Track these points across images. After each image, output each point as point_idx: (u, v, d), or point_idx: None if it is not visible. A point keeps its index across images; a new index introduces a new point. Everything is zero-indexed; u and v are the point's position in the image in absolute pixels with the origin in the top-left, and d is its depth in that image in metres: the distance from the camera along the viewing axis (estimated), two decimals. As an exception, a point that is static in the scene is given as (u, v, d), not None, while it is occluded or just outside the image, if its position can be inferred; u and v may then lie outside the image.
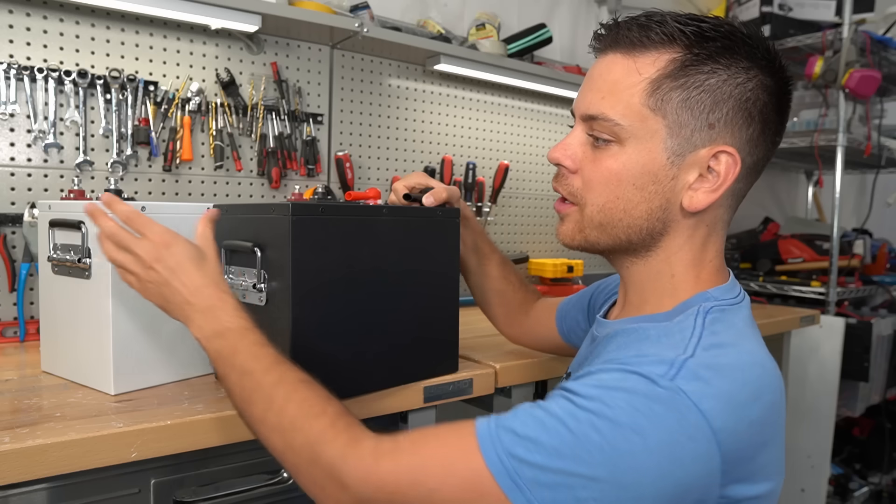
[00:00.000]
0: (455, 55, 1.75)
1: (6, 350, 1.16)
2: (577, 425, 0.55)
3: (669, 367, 0.58)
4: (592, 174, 0.70)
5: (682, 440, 0.55)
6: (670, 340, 0.63)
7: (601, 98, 0.68)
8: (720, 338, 0.63)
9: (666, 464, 0.55)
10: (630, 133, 0.67)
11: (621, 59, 0.68)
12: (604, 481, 0.54)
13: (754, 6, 2.40)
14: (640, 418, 0.55)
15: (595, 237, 0.72)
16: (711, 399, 0.56)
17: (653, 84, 0.65)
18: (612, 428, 0.54)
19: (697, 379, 0.57)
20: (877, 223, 2.72)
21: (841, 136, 2.17)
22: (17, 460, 0.67)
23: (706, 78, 0.65)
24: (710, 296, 0.69)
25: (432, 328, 1.00)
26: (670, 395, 0.56)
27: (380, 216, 0.91)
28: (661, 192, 0.68)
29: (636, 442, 0.54)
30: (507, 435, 0.57)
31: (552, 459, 0.55)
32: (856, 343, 2.21)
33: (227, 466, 0.85)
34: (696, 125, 0.66)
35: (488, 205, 1.98)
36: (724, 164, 0.66)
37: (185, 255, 0.74)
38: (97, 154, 1.35)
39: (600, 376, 0.59)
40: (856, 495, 2.47)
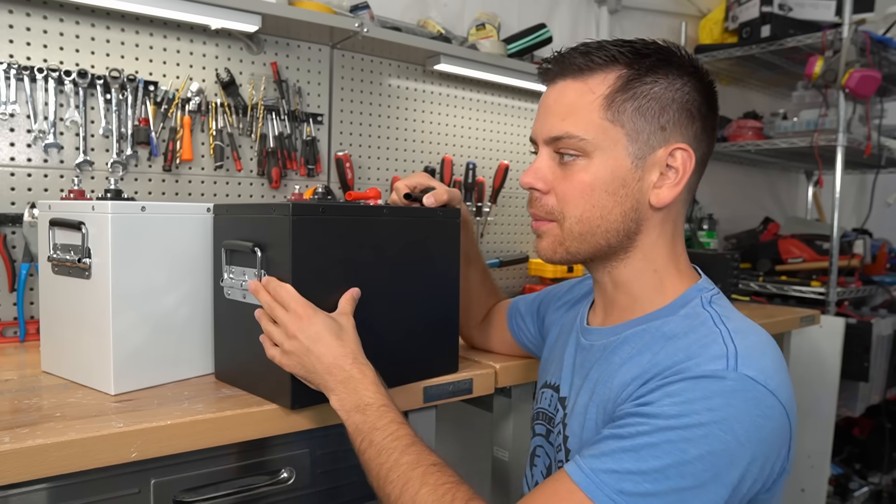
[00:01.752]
0: (455, 55, 1.75)
1: (6, 350, 1.16)
2: (672, 445, 0.59)
3: (727, 360, 0.63)
4: (567, 189, 0.75)
5: (763, 421, 0.61)
6: (699, 333, 0.69)
7: (562, 119, 0.74)
8: (735, 322, 0.70)
9: (757, 447, 0.61)
10: (595, 145, 0.73)
11: (572, 83, 0.75)
12: (711, 483, 0.59)
13: (754, 6, 2.40)
14: (723, 416, 0.60)
15: (576, 248, 0.77)
16: (771, 377, 0.63)
17: (607, 99, 0.73)
18: (702, 435, 0.59)
19: (753, 362, 0.63)
20: (877, 223, 2.72)
21: (841, 136, 2.17)
22: (17, 460, 0.67)
23: (650, 87, 0.73)
24: (702, 287, 0.77)
25: (432, 328, 1.00)
26: (741, 385, 0.61)
27: (380, 216, 0.91)
28: (630, 194, 0.74)
29: (728, 440, 0.59)
30: (608, 476, 0.60)
31: (660, 483, 0.59)
32: (856, 343, 2.21)
33: (227, 466, 0.85)
34: (651, 129, 0.73)
35: (488, 205, 1.98)
36: (681, 160, 0.74)
37: (324, 327, 0.78)
38: (97, 154, 1.35)
39: (667, 390, 0.63)
40: (856, 495, 2.47)
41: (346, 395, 0.76)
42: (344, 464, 0.96)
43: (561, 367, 0.87)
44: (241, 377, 0.93)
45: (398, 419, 0.74)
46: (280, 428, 0.85)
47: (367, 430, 0.73)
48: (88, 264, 0.88)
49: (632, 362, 0.72)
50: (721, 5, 2.61)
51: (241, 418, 0.82)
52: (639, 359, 0.71)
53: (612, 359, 0.75)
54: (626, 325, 0.77)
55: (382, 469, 0.70)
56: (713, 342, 0.66)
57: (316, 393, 0.85)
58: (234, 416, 0.81)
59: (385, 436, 0.72)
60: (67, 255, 0.91)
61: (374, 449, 0.72)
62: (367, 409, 0.74)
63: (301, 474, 0.91)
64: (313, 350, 0.77)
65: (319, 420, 0.88)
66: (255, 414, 0.83)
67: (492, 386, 1.09)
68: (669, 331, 0.72)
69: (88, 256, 0.89)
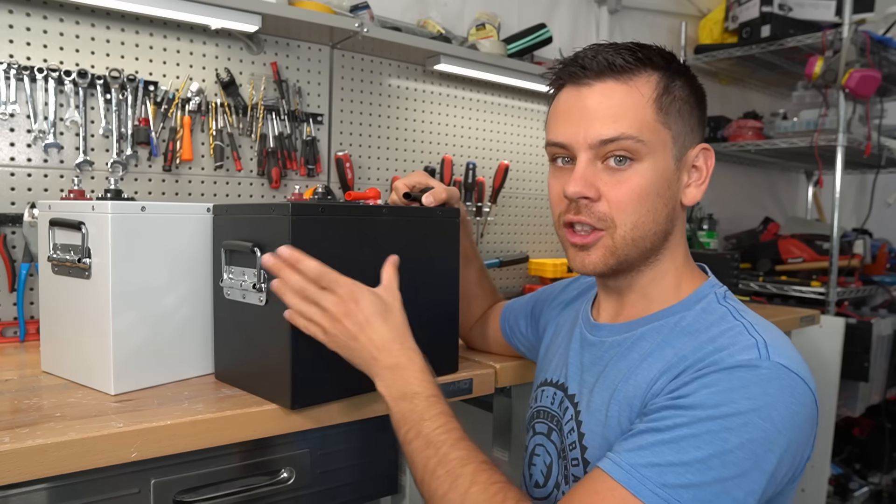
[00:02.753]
0: (455, 55, 1.75)
1: (6, 350, 1.16)
2: (713, 435, 0.60)
3: (759, 349, 0.64)
4: (621, 195, 0.72)
5: (797, 408, 0.62)
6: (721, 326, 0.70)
7: (614, 122, 0.72)
8: (752, 316, 0.72)
9: (792, 433, 0.62)
10: (649, 148, 0.72)
11: (615, 85, 0.73)
12: (752, 471, 0.60)
13: (754, 6, 2.40)
14: (761, 404, 0.61)
15: (627, 255, 0.75)
16: (800, 366, 0.65)
17: (658, 101, 0.73)
18: (742, 424, 0.60)
19: (783, 351, 0.65)
20: (877, 223, 2.73)
21: (841, 136, 2.17)
22: (17, 460, 0.67)
23: (680, 90, 0.75)
24: (714, 283, 0.78)
25: (432, 328, 1.00)
26: (776, 373, 0.63)
27: (380, 216, 0.91)
28: (673, 195, 0.76)
29: (766, 427, 0.60)
30: (650, 470, 0.60)
31: (703, 474, 0.59)
32: (856, 343, 2.21)
33: (227, 466, 0.85)
34: (685, 130, 0.75)
35: (488, 205, 1.98)
36: (704, 158, 0.78)
37: (372, 310, 0.76)
38: (97, 154, 1.35)
39: (703, 381, 0.63)
40: (856, 495, 2.47)
41: (393, 382, 0.74)
42: (344, 464, 0.96)
43: (565, 364, 0.86)
44: (241, 377, 0.93)
45: (447, 411, 0.72)
46: (280, 428, 0.85)
47: (414, 420, 0.71)
48: (88, 264, 0.88)
49: (653, 357, 0.72)
50: (721, 5, 2.61)
51: (241, 418, 0.82)
52: (660, 353, 0.71)
53: (629, 355, 0.75)
54: (642, 322, 0.77)
55: (430, 462, 0.68)
56: (740, 334, 0.67)
57: (316, 393, 0.86)
58: (234, 416, 0.81)
59: (434, 427, 0.70)
60: (67, 255, 0.91)
61: (422, 440, 0.70)
62: (415, 397, 0.73)
63: (301, 474, 0.91)
64: (360, 336, 0.75)
65: (319, 420, 0.88)
66: (255, 414, 0.83)
67: (492, 386, 1.09)
68: (688, 325, 0.73)
69: (88, 256, 0.89)
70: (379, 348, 0.75)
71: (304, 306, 0.77)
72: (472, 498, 0.65)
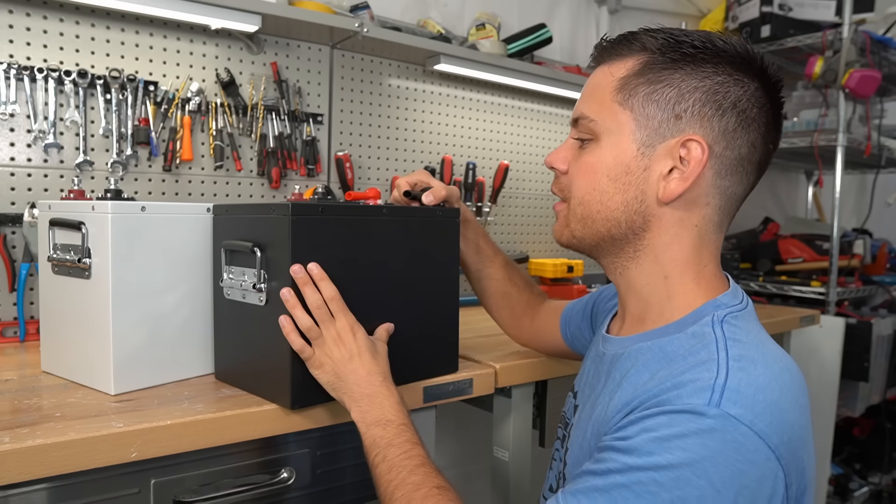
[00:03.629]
0: (455, 55, 1.75)
1: (6, 350, 1.16)
2: (642, 487, 0.56)
3: (711, 393, 0.57)
4: (574, 170, 0.76)
5: (744, 468, 0.55)
6: (697, 357, 0.63)
7: (582, 102, 0.75)
8: (744, 347, 0.63)
9: (734, 494, 0.55)
10: (603, 128, 0.72)
11: (602, 68, 0.75)
12: None
13: (754, 6, 2.40)
14: (699, 460, 0.55)
15: (580, 232, 0.75)
16: (760, 417, 0.56)
17: (621, 81, 0.71)
18: (675, 479, 0.55)
19: (741, 398, 0.57)
20: (877, 223, 2.72)
21: (841, 136, 2.17)
22: (17, 460, 0.67)
23: (671, 73, 0.69)
24: (720, 303, 0.69)
25: (432, 328, 1.00)
26: (721, 424, 0.55)
27: (380, 216, 0.91)
28: (634, 182, 0.70)
29: (702, 485, 0.54)
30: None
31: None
32: (856, 343, 2.21)
33: (227, 466, 0.85)
34: (663, 117, 0.69)
35: (488, 205, 1.98)
36: (693, 153, 0.68)
37: (365, 345, 0.83)
38: (97, 154, 1.35)
39: (645, 423, 0.59)
40: (856, 495, 2.47)
41: (370, 409, 0.79)
42: (344, 464, 0.96)
43: (581, 373, 0.86)
44: (241, 377, 0.93)
45: (414, 439, 0.76)
46: (280, 428, 0.85)
47: (383, 445, 0.75)
48: (88, 264, 0.88)
49: (627, 382, 0.68)
50: (721, 5, 2.61)
51: (241, 418, 0.82)
52: (635, 380, 0.67)
53: (614, 375, 0.72)
54: (635, 339, 0.73)
55: (390, 486, 0.72)
56: (703, 372, 0.60)
57: (316, 393, 0.85)
58: (234, 416, 0.81)
59: (399, 453, 0.74)
60: (67, 255, 0.91)
61: (386, 465, 0.74)
62: (387, 424, 0.77)
63: (301, 474, 0.91)
64: (351, 363, 0.81)
65: (319, 420, 0.88)
66: (255, 414, 0.83)
67: (492, 386, 1.09)
68: (672, 351, 0.67)
69: (88, 256, 0.89)
70: (364, 377, 0.81)
71: (307, 322, 0.82)
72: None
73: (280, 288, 0.83)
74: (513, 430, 1.18)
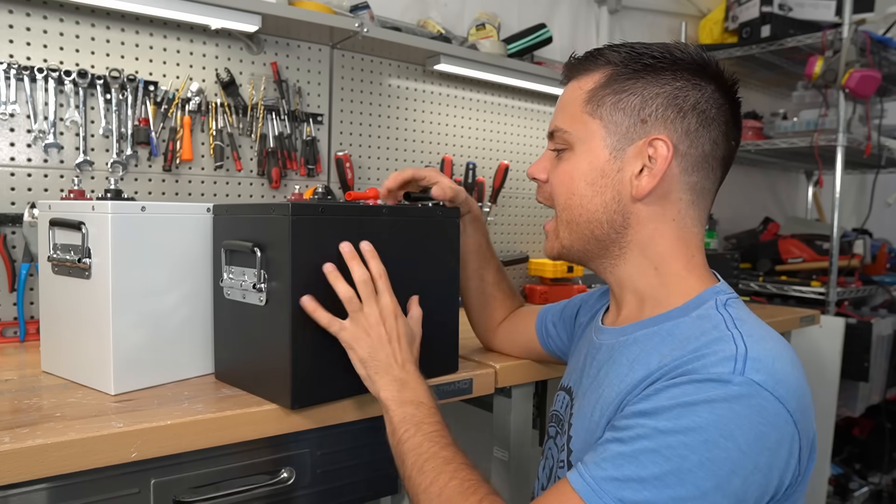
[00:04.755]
0: (455, 55, 1.75)
1: (6, 350, 1.16)
2: (671, 451, 0.58)
3: (735, 363, 0.61)
4: (554, 178, 0.81)
5: (767, 430, 0.59)
6: (710, 335, 0.67)
7: (556, 116, 0.81)
8: (751, 326, 0.68)
9: (758, 456, 0.59)
10: (576, 137, 0.78)
11: (571, 84, 0.81)
12: (711, 491, 0.58)
13: (754, 6, 2.40)
14: (726, 423, 0.58)
15: (567, 238, 0.80)
16: (780, 384, 0.61)
17: (589, 94, 0.77)
18: (703, 442, 0.58)
19: (763, 367, 0.61)
20: (877, 223, 2.73)
21: (841, 136, 2.17)
22: (17, 460, 0.67)
23: (633, 82, 0.75)
24: (719, 290, 0.75)
25: (432, 328, 1.00)
26: (746, 390, 0.59)
27: (380, 216, 0.91)
28: (610, 184, 0.76)
29: (730, 447, 0.58)
30: (609, 484, 0.60)
31: (660, 490, 0.58)
32: (856, 343, 2.21)
33: (227, 466, 0.85)
34: (630, 122, 0.75)
35: (488, 205, 1.98)
36: (660, 151, 0.74)
37: (404, 330, 0.86)
38: (97, 154, 1.35)
39: (672, 391, 0.62)
40: (856, 495, 2.47)
41: (403, 390, 0.81)
42: (344, 464, 0.96)
43: (573, 369, 0.87)
44: (241, 377, 0.93)
45: (444, 423, 0.79)
46: (280, 428, 0.85)
47: (416, 422, 0.77)
48: (88, 264, 0.88)
49: (638, 364, 0.71)
50: (721, 5, 2.61)
51: (241, 418, 0.82)
52: (646, 360, 0.70)
53: (620, 360, 0.75)
54: (637, 326, 0.76)
55: (420, 458, 0.74)
56: (724, 344, 0.64)
57: (316, 393, 0.86)
58: (234, 416, 0.81)
59: (431, 430, 0.77)
60: (67, 255, 0.91)
61: (418, 438, 0.76)
62: (420, 405, 0.79)
63: (301, 474, 0.91)
64: (390, 345, 0.83)
65: (319, 420, 0.88)
66: (255, 414, 0.83)
67: (492, 386, 1.09)
68: (680, 333, 0.71)
69: (88, 256, 0.88)
70: (399, 361, 0.83)
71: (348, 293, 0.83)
72: (449, 490, 0.69)
73: (280, 288, 0.83)
74: (513, 430, 1.18)
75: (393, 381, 0.81)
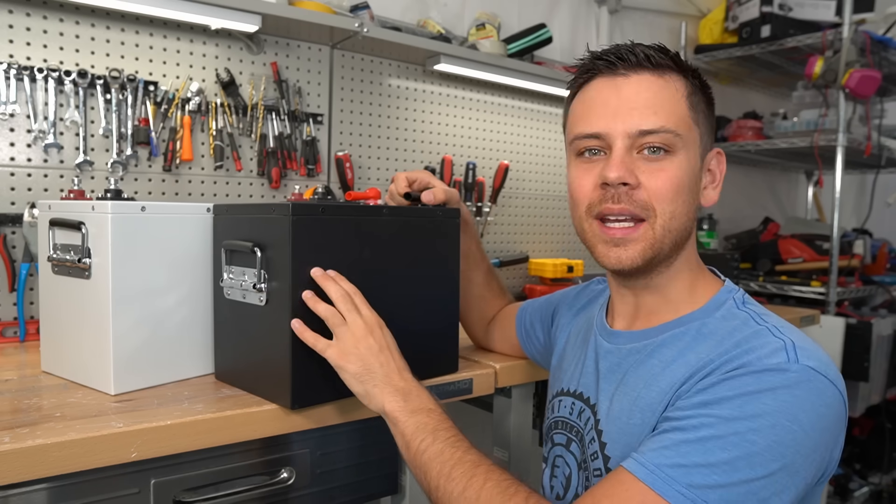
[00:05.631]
0: (455, 55, 1.75)
1: (6, 350, 1.16)
2: (739, 437, 0.60)
3: (787, 352, 0.64)
4: (659, 184, 0.72)
5: (825, 411, 0.62)
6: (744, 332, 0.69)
7: (653, 113, 0.73)
8: (773, 319, 0.71)
9: (819, 436, 0.62)
10: (684, 142, 0.74)
11: (654, 78, 0.74)
12: (779, 472, 0.60)
13: (754, 6, 2.40)
14: (790, 408, 0.61)
15: (664, 247, 0.74)
16: (828, 367, 0.65)
17: (689, 99, 0.75)
18: (770, 426, 0.60)
19: (811, 354, 0.65)
20: (877, 223, 2.73)
21: (841, 136, 2.17)
22: (17, 460, 0.67)
23: (700, 93, 0.77)
24: (731, 288, 0.78)
25: (432, 328, 1.00)
26: (805, 376, 0.62)
27: (380, 216, 0.91)
28: (695, 193, 0.77)
29: (795, 430, 0.60)
30: (675, 470, 0.60)
31: (730, 474, 0.59)
32: (856, 343, 2.21)
33: (227, 466, 0.85)
34: (706, 132, 0.78)
35: (488, 205, 1.98)
36: (719, 162, 0.80)
37: (391, 340, 0.84)
38: (97, 154, 1.35)
39: (731, 383, 0.64)
40: (856, 495, 2.47)
41: (409, 399, 0.78)
42: (344, 464, 0.96)
43: (581, 373, 0.85)
44: (241, 377, 0.93)
45: (456, 427, 0.77)
46: (280, 428, 0.85)
47: (430, 429, 0.75)
48: (88, 264, 0.88)
49: (676, 364, 0.71)
50: (721, 5, 2.61)
51: (241, 418, 0.82)
52: (684, 360, 0.71)
53: (649, 361, 0.75)
54: (661, 329, 0.76)
55: (446, 466, 0.71)
56: (767, 337, 0.67)
57: (316, 393, 0.85)
58: (234, 416, 0.81)
59: (448, 436, 0.74)
60: (67, 255, 0.91)
61: (439, 445, 0.73)
62: (431, 412, 0.77)
63: (301, 474, 0.91)
64: (381, 354, 0.81)
65: (319, 420, 0.88)
66: (255, 414, 0.83)
67: (492, 386, 1.09)
68: (710, 332, 0.72)
69: (88, 256, 0.88)
70: (396, 371, 0.81)
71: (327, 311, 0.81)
72: (486, 493, 0.67)
73: (280, 288, 0.83)
74: (513, 430, 1.18)
75: (395, 391, 0.79)
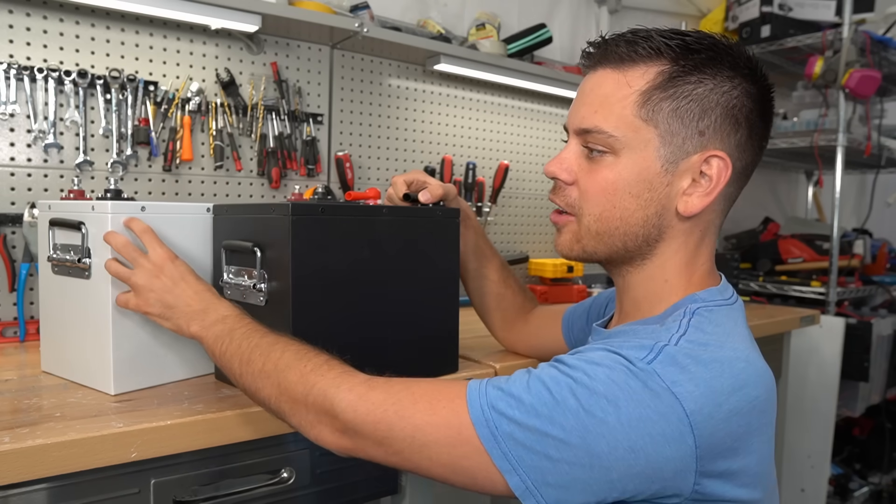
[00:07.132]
0: (455, 55, 1.75)
1: (6, 350, 1.16)
2: (558, 389, 0.58)
3: (648, 352, 0.60)
4: (589, 185, 0.72)
5: (654, 417, 0.56)
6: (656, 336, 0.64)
7: (594, 112, 0.70)
8: (706, 336, 0.64)
9: (636, 438, 0.56)
10: (624, 144, 0.69)
11: (611, 73, 0.70)
12: (575, 447, 0.56)
13: (754, 6, 2.40)
14: (616, 390, 0.57)
15: (592, 247, 0.74)
16: (686, 383, 0.58)
17: (643, 95, 0.68)
18: (588, 395, 0.57)
19: (674, 364, 0.59)
20: (877, 223, 2.73)
21: (841, 136, 2.17)
22: (17, 460, 0.67)
23: (693, 88, 0.68)
24: (697, 297, 0.71)
25: (432, 328, 1.00)
26: (646, 376, 0.58)
27: (380, 216, 0.91)
28: (656, 199, 0.70)
29: (609, 411, 0.56)
30: (494, 390, 0.60)
31: (529, 417, 0.57)
32: (856, 343, 2.21)
33: (227, 466, 0.85)
34: (687, 133, 0.68)
35: (488, 205, 1.98)
36: (716, 168, 0.69)
37: (185, 268, 0.85)
38: (97, 154, 1.35)
39: (587, 354, 0.62)
40: (856, 495, 2.47)
41: (206, 316, 0.80)
42: (344, 464, 0.96)
43: None
44: (241, 377, 0.93)
45: (255, 322, 0.78)
46: (280, 428, 0.85)
47: (227, 331, 0.77)
48: (88, 264, 0.88)
49: None
50: (721, 5, 2.61)
51: (241, 418, 0.82)
52: None
53: None
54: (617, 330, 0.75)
55: (245, 355, 0.73)
56: (653, 338, 0.62)
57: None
58: (234, 416, 0.81)
59: (245, 332, 0.76)
60: (67, 255, 0.91)
61: (235, 344, 0.75)
62: (226, 318, 0.79)
63: (301, 474, 0.91)
64: (176, 288, 0.82)
65: (319, 420, 0.88)
66: (255, 414, 0.83)
67: (492, 386, 1.09)
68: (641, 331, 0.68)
69: (88, 256, 0.89)
70: (193, 296, 0.82)
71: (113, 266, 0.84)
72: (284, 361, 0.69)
73: (280, 288, 0.83)
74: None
75: (194, 314, 0.80)
